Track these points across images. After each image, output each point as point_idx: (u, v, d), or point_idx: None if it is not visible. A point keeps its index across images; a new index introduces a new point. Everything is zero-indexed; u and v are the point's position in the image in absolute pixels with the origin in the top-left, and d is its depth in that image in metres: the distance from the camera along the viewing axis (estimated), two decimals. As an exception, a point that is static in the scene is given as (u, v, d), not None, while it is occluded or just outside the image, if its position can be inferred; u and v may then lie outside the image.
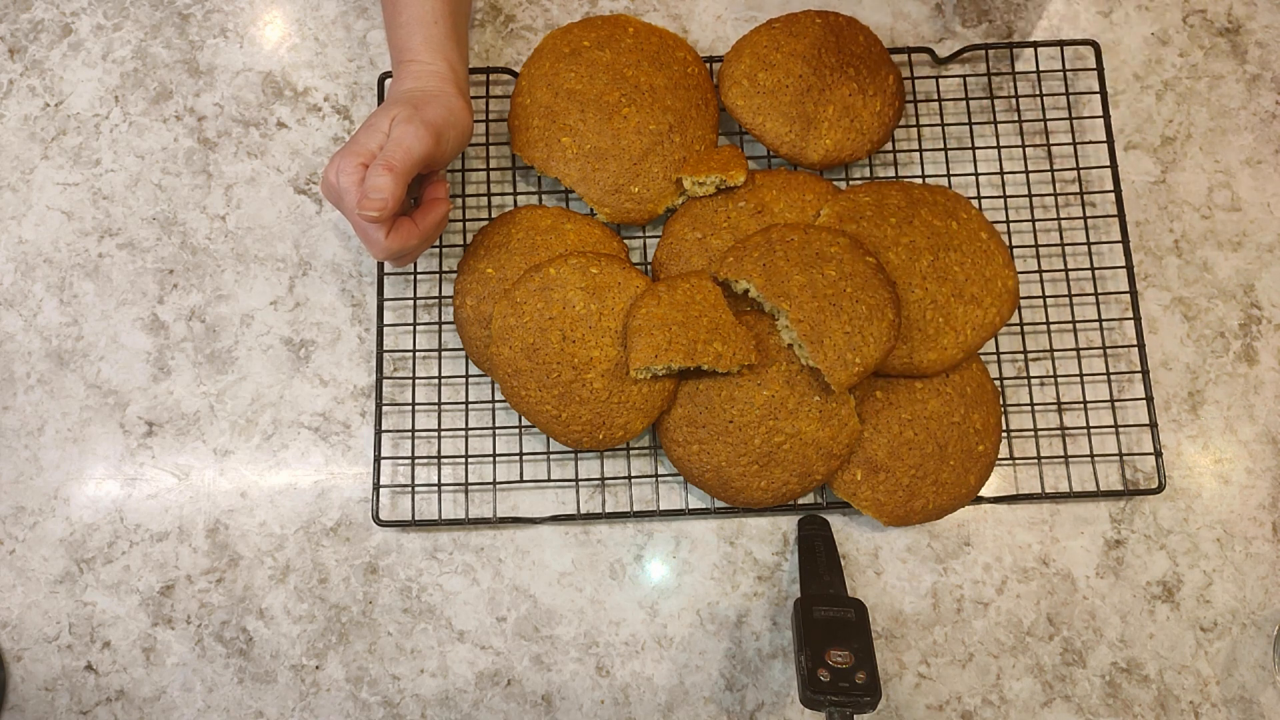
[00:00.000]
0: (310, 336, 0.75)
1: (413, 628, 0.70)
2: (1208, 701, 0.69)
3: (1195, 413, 0.74)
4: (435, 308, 0.75)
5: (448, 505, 0.72)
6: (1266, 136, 0.79)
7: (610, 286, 0.68)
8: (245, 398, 0.74)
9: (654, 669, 0.70)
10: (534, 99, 0.72)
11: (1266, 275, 0.76)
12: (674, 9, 0.81)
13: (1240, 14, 0.81)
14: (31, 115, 0.78)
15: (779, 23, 0.74)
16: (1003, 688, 0.69)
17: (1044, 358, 0.74)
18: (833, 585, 0.66)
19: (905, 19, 0.81)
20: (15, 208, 0.77)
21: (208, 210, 0.77)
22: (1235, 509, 0.72)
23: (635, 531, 0.72)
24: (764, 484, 0.68)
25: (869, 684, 0.60)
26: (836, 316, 0.65)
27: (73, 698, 0.69)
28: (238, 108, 0.79)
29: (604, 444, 0.68)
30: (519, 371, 0.68)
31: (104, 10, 0.80)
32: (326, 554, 0.71)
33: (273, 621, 0.70)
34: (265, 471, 0.73)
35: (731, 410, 0.67)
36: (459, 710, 0.69)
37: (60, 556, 0.71)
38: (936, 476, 0.68)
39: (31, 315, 0.75)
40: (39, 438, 0.73)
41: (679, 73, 0.73)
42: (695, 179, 0.71)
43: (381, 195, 0.58)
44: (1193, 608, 0.71)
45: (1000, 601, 0.71)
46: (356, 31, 0.80)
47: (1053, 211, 0.76)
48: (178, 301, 0.75)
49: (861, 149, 0.73)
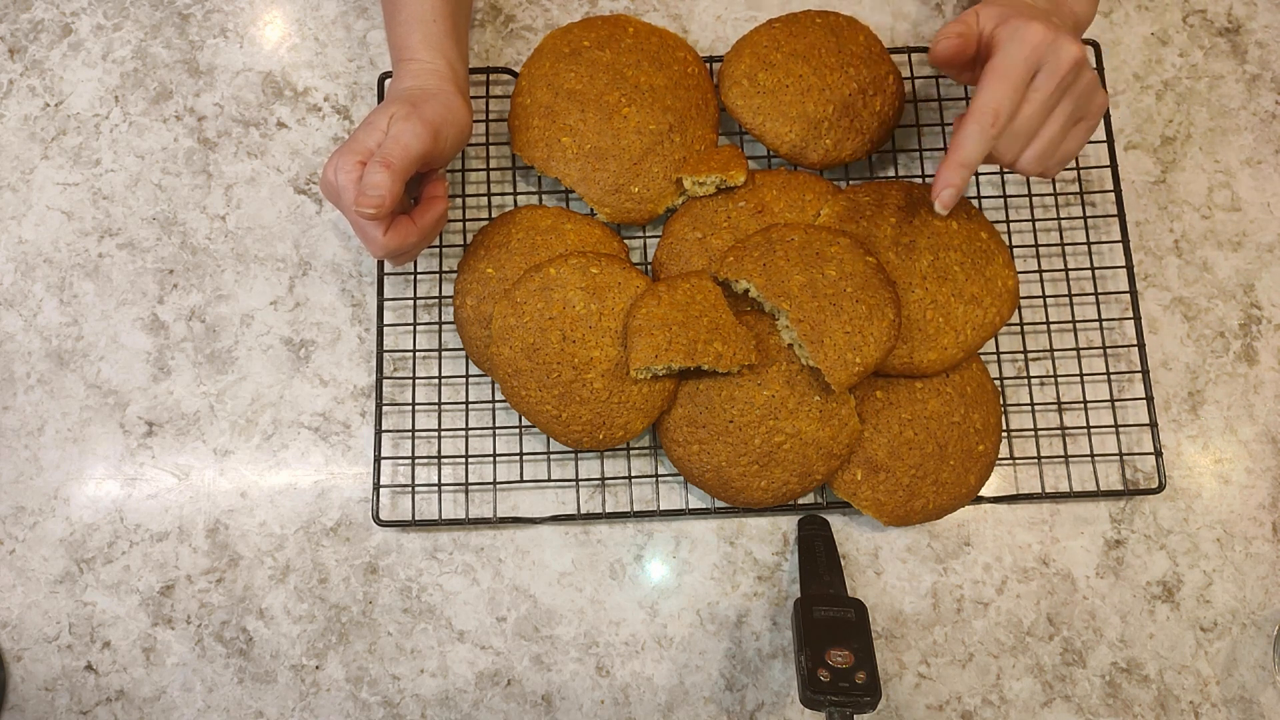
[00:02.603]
0: (310, 336, 0.75)
1: (413, 628, 0.70)
2: (1208, 701, 0.69)
3: (1195, 413, 0.74)
4: (435, 308, 0.75)
5: (448, 505, 0.72)
6: (1266, 136, 0.79)
7: (610, 286, 0.68)
8: (245, 398, 0.74)
9: (654, 669, 0.70)
10: (534, 99, 0.72)
11: (1266, 275, 0.76)
12: (674, 9, 0.81)
13: (1240, 14, 0.81)
14: (31, 115, 0.78)
15: (779, 23, 0.74)
16: (1003, 688, 0.69)
17: (1044, 357, 0.74)
18: (833, 585, 0.66)
19: (905, 19, 0.81)
20: (15, 208, 0.77)
21: (208, 210, 0.77)
22: (1235, 509, 0.72)
23: (635, 531, 0.72)
24: (764, 484, 0.68)
25: (869, 684, 0.60)
26: (837, 316, 0.65)
27: (73, 698, 0.69)
28: (238, 108, 0.79)
29: (604, 444, 0.68)
30: (519, 371, 0.68)
31: (104, 10, 0.80)
32: (326, 554, 0.71)
33: (273, 621, 0.70)
34: (265, 471, 0.73)
35: (731, 410, 0.67)
36: (459, 710, 0.69)
37: (60, 556, 0.71)
38: (936, 476, 0.68)
39: (31, 315, 0.75)
40: (39, 438, 0.73)
41: (679, 73, 0.73)
42: (695, 179, 0.71)
43: (379, 192, 0.58)
44: (1193, 608, 0.71)
45: (1000, 601, 0.71)
46: (356, 31, 0.80)
47: (1053, 211, 0.76)
48: (178, 301, 0.75)
49: (861, 149, 0.73)
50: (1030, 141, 0.60)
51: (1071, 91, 0.59)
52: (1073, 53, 0.57)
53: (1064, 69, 0.57)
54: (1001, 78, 0.57)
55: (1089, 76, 0.59)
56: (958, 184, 0.59)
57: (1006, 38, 0.58)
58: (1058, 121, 0.59)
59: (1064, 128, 0.60)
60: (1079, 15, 0.67)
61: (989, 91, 0.57)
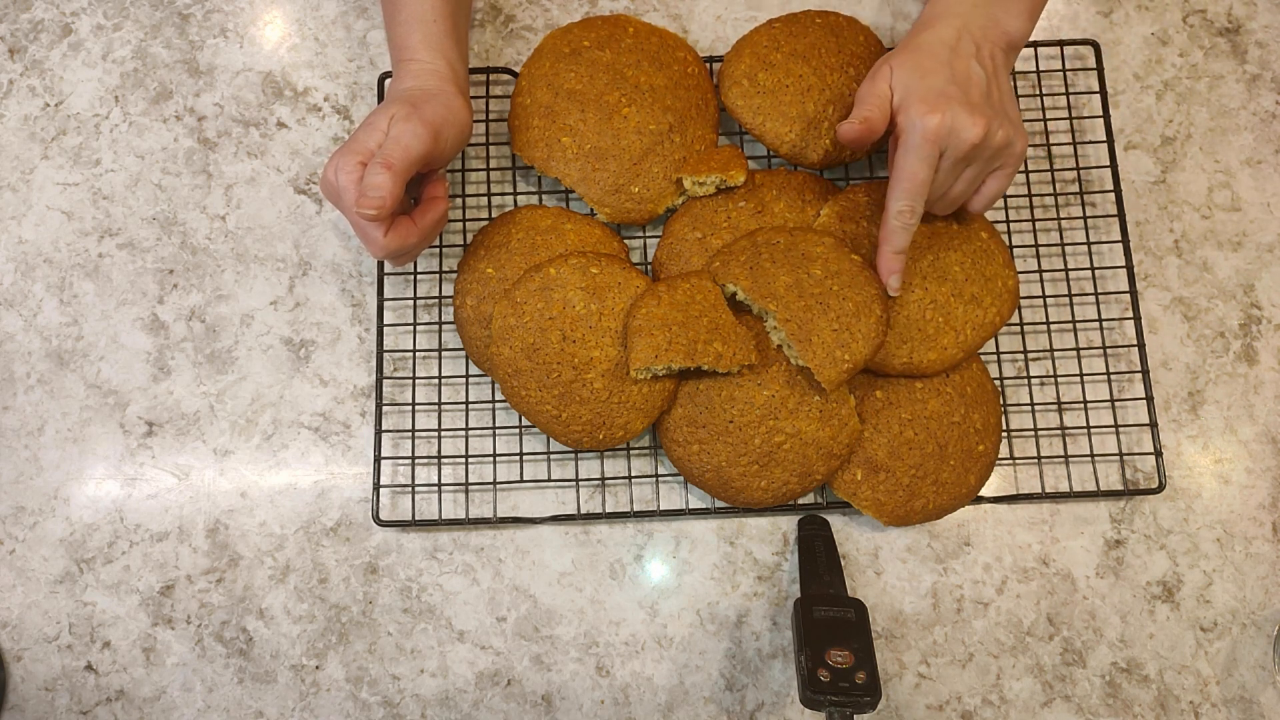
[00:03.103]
0: (310, 336, 0.75)
1: (413, 628, 0.70)
2: (1208, 701, 0.69)
3: (1195, 413, 0.74)
4: (435, 308, 0.75)
5: (448, 505, 0.72)
6: (1266, 136, 0.79)
7: (610, 286, 0.68)
8: (245, 398, 0.74)
9: (654, 669, 0.70)
10: (534, 99, 0.72)
11: (1266, 275, 0.76)
12: (674, 9, 0.81)
13: (1240, 14, 0.81)
14: (31, 115, 0.78)
15: (779, 23, 0.74)
16: (1003, 688, 0.69)
17: (1044, 357, 0.74)
18: (833, 585, 0.66)
19: (905, 19, 0.81)
20: (15, 208, 0.77)
21: (208, 210, 0.77)
22: (1235, 509, 0.72)
23: (635, 531, 0.72)
24: (764, 484, 0.68)
25: (869, 684, 0.60)
26: (824, 315, 0.65)
27: (73, 698, 0.69)
28: (238, 108, 0.79)
29: (604, 444, 0.68)
30: (519, 371, 0.68)
31: (104, 10, 0.80)
32: (326, 554, 0.71)
33: (273, 621, 0.70)
34: (265, 471, 0.73)
35: (731, 410, 0.67)
36: (459, 710, 0.69)
37: (60, 556, 0.71)
38: (936, 476, 0.68)
39: (31, 315, 0.75)
40: (39, 438, 0.73)
41: (679, 73, 0.73)
42: (695, 179, 0.71)
43: (379, 193, 0.58)
44: (1193, 608, 0.71)
45: (1000, 601, 0.71)
46: (356, 31, 0.80)
47: (1053, 211, 0.76)
48: (178, 301, 0.75)
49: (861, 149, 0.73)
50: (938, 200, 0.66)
51: (975, 160, 0.64)
52: (970, 137, 0.61)
53: (964, 150, 0.62)
54: (908, 180, 0.62)
55: (996, 141, 0.63)
56: (898, 269, 0.66)
57: (907, 131, 0.62)
58: (964, 183, 0.65)
59: (972, 184, 0.66)
60: (1012, 35, 0.67)
61: (899, 195, 0.63)
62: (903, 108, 0.62)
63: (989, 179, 0.66)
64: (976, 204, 0.67)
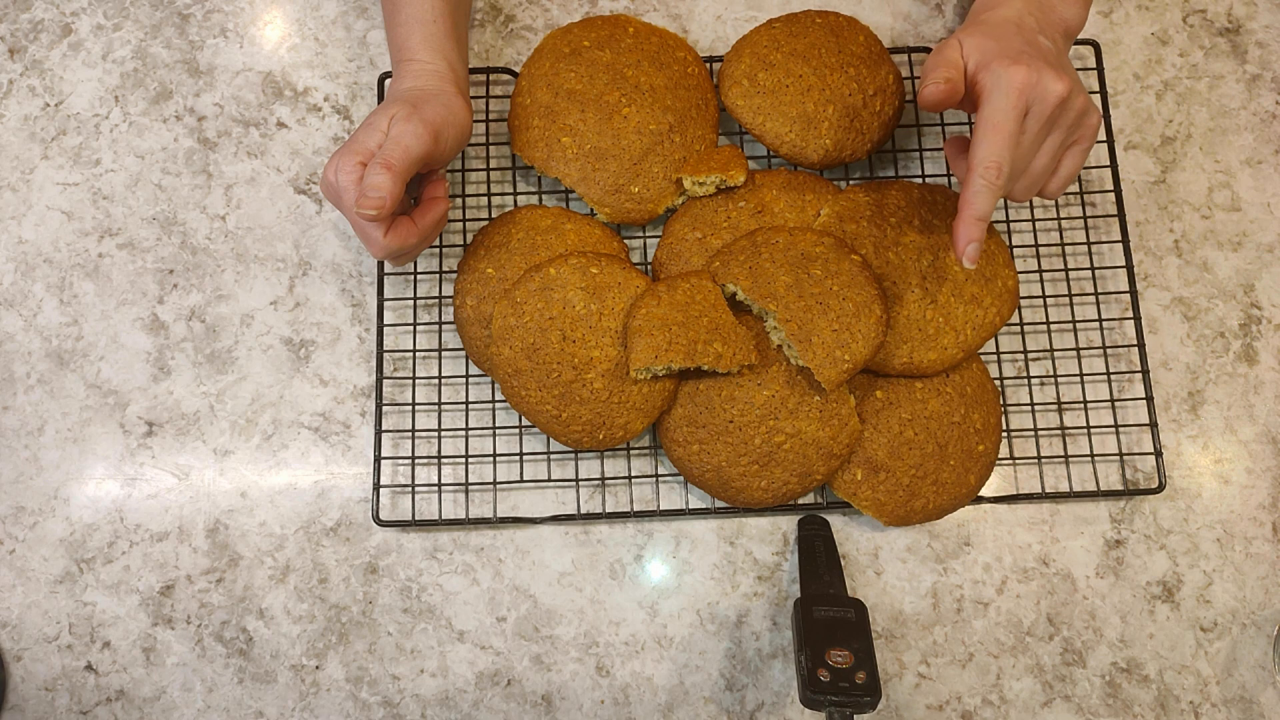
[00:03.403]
0: (310, 336, 0.75)
1: (413, 628, 0.70)
2: (1208, 701, 0.69)
3: (1195, 413, 0.74)
4: (435, 308, 0.75)
5: (448, 505, 0.72)
6: (1266, 136, 0.79)
7: (610, 286, 0.68)
8: (245, 398, 0.74)
9: (654, 669, 0.70)
10: (534, 99, 0.72)
11: (1266, 275, 0.76)
12: (674, 9, 0.81)
13: (1240, 14, 0.81)
14: (31, 115, 0.78)
15: (779, 23, 0.74)
16: (1003, 688, 0.69)
17: (1044, 357, 0.74)
18: (833, 585, 0.66)
19: (905, 19, 0.81)
20: (15, 208, 0.77)
21: (208, 210, 0.77)
22: (1235, 509, 0.72)
23: (635, 531, 0.72)
24: (764, 484, 0.68)
25: (869, 684, 0.60)
26: (824, 315, 0.65)
27: (73, 698, 0.69)
28: (238, 108, 0.79)
29: (604, 444, 0.68)
30: (519, 371, 0.68)
31: (104, 10, 0.80)
32: (326, 554, 0.71)
33: (273, 621, 0.70)
34: (265, 471, 0.73)
35: (732, 410, 0.67)
36: (459, 710, 0.69)
37: (60, 556, 0.71)
38: (936, 476, 0.68)
39: (31, 315, 0.75)
40: (39, 438, 0.73)
41: (679, 73, 0.73)
42: (695, 179, 0.71)
43: (380, 194, 0.58)
44: (1193, 608, 0.71)
45: (1000, 601, 0.71)
46: (356, 31, 0.80)
47: (1053, 211, 0.76)
48: (178, 301, 0.75)
49: (861, 149, 0.73)
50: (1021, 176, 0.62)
51: (1059, 124, 0.60)
52: (1057, 91, 0.58)
53: (1050, 107, 0.59)
54: (996, 130, 0.58)
55: (1078, 104, 0.60)
56: (978, 237, 0.59)
57: (991, 85, 0.59)
58: (1046, 154, 0.61)
59: (1054, 157, 0.62)
60: (1069, 22, 0.67)
61: (987, 146, 0.58)
62: (984, 66, 0.59)
63: (1065, 156, 0.63)
64: (1054, 185, 0.64)
